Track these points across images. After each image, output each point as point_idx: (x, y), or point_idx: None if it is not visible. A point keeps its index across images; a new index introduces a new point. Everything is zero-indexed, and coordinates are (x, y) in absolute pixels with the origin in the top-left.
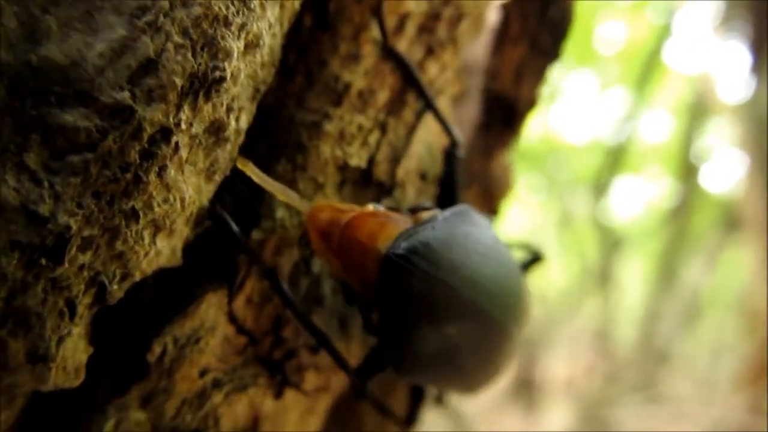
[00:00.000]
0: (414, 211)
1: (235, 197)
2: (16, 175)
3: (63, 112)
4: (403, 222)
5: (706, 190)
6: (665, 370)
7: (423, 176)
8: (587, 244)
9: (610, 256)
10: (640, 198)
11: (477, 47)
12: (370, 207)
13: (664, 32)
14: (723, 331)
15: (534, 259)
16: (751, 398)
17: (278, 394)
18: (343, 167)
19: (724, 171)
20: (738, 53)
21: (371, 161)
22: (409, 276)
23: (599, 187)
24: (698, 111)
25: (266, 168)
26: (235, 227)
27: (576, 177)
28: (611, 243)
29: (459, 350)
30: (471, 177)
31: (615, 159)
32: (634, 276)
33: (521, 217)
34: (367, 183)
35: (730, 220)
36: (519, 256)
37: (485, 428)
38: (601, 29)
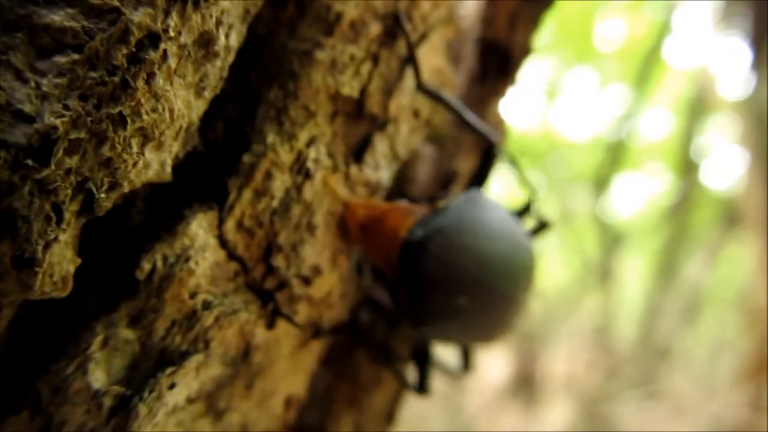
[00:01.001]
0: (432, 200)
1: (226, 121)
2: (2, 73)
3: (49, 11)
4: (422, 212)
5: (707, 187)
6: (665, 366)
7: (416, 114)
8: (587, 241)
9: (610, 252)
10: (640, 195)
11: None
12: (400, 203)
13: (664, 29)
14: (723, 327)
15: (541, 226)
16: (750, 394)
17: (270, 325)
18: (334, 96)
19: (725, 168)
20: (738, 49)
21: (363, 92)
22: (424, 258)
23: (599, 184)
24: (698, 108)
25: (258, 96)
26: None
27: (576, 174)
28: (611, 240)
29: (468, 317)
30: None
31: (615, 156)
32: (634, 273)
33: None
34: (359, 115)
35: (730, 216)
36: (527, 223)
37: (486, 424)
38: (601, 27)
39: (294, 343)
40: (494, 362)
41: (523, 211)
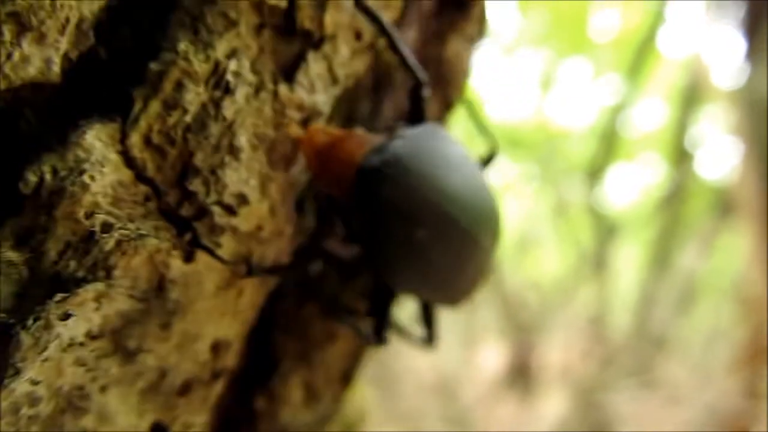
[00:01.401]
0: (389, 129)
1: (134, 28)
2: None
3: None
4: (379, 141)
5: (701, 177)
6: (660, 355)
7: (358, 35)
8: (582, 232)
9: (604, 242)
10: (634, 185)
11: None
12: (357, 130)
13: (658, 19)
14: (718, 316)
15: (490, 155)
16: (745, 383)
17: (188, 257)
18: (259, 5)
19: (719, 157)
20: (732, 38)
21: (292, 2)
22: (381, 184)
23: (594, 175)
24: (692, 97)
25: (171, 1)
26: None
27: (570, 164)
28: (606, 230)
29: (428, 254)
30: (425, 63)
31: (609, 146)
32: (629, 262)
33: (515, 205)
34: (291, 31)
35: (725, 205)
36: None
37: (481, 415)
38: (595, 17)
39: (219, 280)
40: (489, 353)
41: (485, 163)
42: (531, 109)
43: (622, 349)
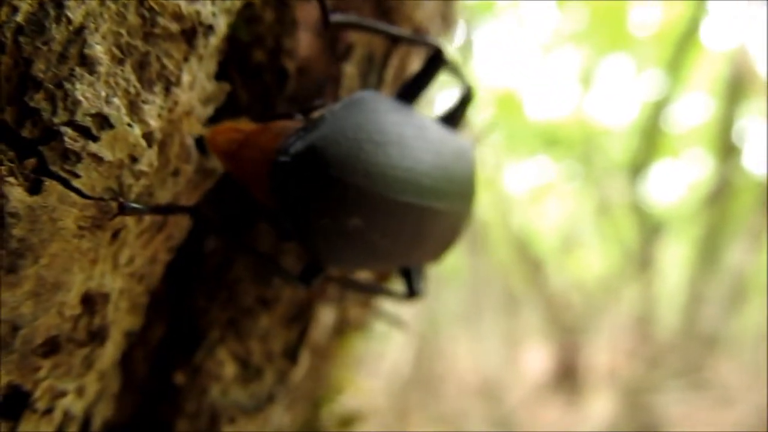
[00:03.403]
0: (305, 112)
1: None
2: None
3: None
4: (295, 129)
5: (748, 171)
6: (709, 354)
7: None
8: (626, 230)
9: (649, 241)
10: (679, 181)
11: None
12: (271, 123)
13: (700, 10)
14: None
15: (463, 97)
16: None
17: (34, 188)
18: None
19: (766, 151)
20: None
21: None
22: (297, 180)
23: (636, 172)
24: (738, 90)
25: None
26: None
27: (612, 162)
28: (651, 228)
29: (371, 238)
30: None
31: (652, 143)
32: (676, 260)
33: (557, 206)
34: None
35: None
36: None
37: (526, 418)
38: (635, 12)
39: (81, 218)
40: (533, 355)
41: (457, 111)
42: (571, 108)
43: (670, 349)
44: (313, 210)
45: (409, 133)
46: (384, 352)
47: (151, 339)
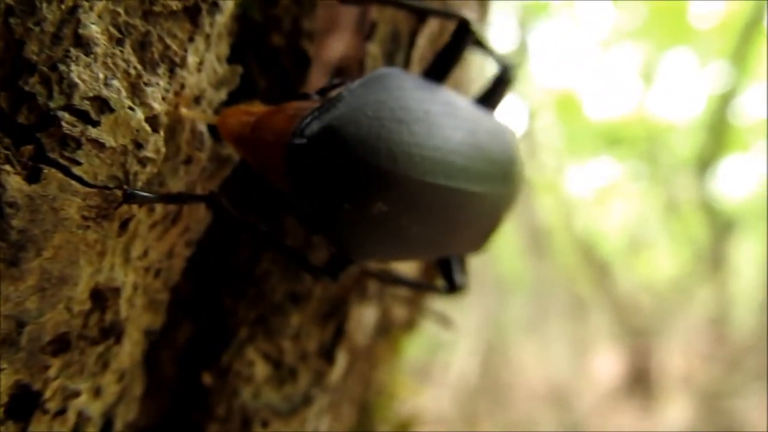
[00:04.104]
0: (322, 92)
1: None
2: None
3: None
4: (311, 110)
5: None
6: None
7: None
8: (696, 228)
9: (721, 238)
10: (750, 176)
11: None
12: (286, 104)
13: None
14: None
15: (500, 79)
16: None
17: (33, 176)
18: None
19: None
20: None
21: None
22: (315, 163)
23: (704, 168)
24: None
25: None
26: None
27: (679, 159)
28: (722, 225)
29: (398, 224)
30: None
31: (719, 137)
32: (749, 258)
33: (622, 206)
34: None
35: None
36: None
37: (598, 424)
38: (695, 3)
39: (84, 207)
40: (604, 360)
41: (494, 92)
42: (633, 106)
43: (748, 351)
44: (332, 195)
45: (437, 110)
46: (450, 361)
47: (178, 339)
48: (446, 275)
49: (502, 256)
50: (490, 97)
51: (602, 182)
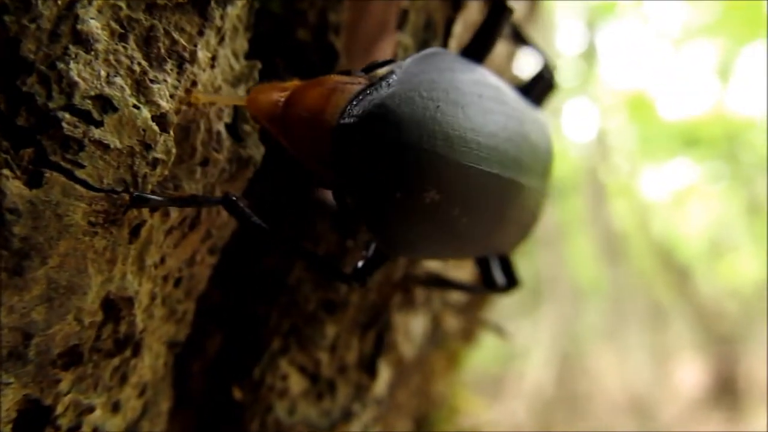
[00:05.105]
0: (368, 69)
1: None
2: None
3: None
4: (353, 86)
5: None
6: None
7: None
8: None
9: None
10: None
11: None
12: (325, 78)
13: None
14: None
15: (545, 85)
16: None
17: (34, 180)
18: None
19: None
20: None
21: None
22: (365, 146)
23: None
24: None
25: None
26: None
27: (761, 158)
28: None
29: (450, 216)
30: None
31: None
32: None
33: (702, 209)
34: None
35: None
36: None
37: None
38: None
39: (91, 213)
40: (687, 368)
41: (535, 81)
42: (710, 104)
43: None
44: (382, 182)
45: (490, 95)
46: (524, 371)
47: (208, 350)
48: (484, 272)
49: (576, 262)
50: (528, 93)
51: (679, 184)
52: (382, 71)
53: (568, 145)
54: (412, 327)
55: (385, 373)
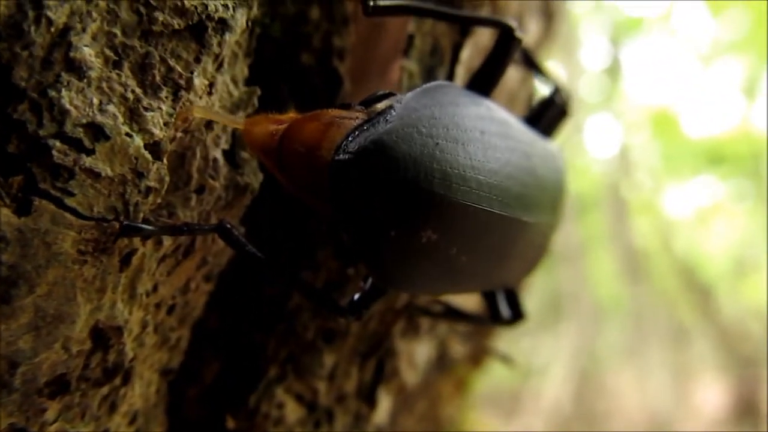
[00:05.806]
0: (367, 103)
1: None
2: None
3: None
4: (351, 120)
5: None
6: None
7: None
8: None
9: None
10: None
11: None
12: (321, 111)
13: None
14: None
15: (556, 111)
16: None
17: (23, 209)
18: None
19: None
20: None
21: None
22: (360, 183)
23: None
24: None
25: None
26: None
27: None
28: None
29: (447, 256)
30: None
31: None
32: None
33: (726, 228)
34: None
35: None
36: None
37: None
38: None
39: (80, 241)
40: (708, 390)
41: (545, 107)
42: (735, 121)
43: None
44: (377, 220)
45: (494, 130)
46: (542, 388)
47: (205, 377)
48: (491, 305)
49: (597, 278)
50: (538, 120)
51: (703, 202)
52: (381, 105)
53: (591, 161)
54: (416, 354)
55: (385, 402)
